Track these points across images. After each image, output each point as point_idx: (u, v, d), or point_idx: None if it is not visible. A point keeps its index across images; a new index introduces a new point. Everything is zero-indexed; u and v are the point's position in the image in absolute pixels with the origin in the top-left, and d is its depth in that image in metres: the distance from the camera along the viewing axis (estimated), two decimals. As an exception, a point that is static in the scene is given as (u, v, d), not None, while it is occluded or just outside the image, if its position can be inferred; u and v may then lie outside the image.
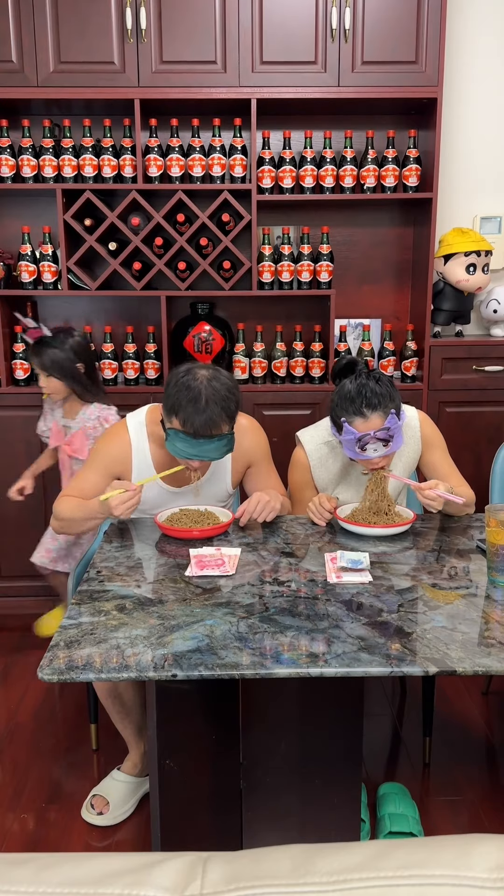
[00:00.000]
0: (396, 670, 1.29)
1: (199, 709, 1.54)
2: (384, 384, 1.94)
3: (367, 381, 1.93)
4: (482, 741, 2.33)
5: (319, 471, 2.12)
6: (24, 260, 2.98)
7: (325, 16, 2.82)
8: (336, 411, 1.95)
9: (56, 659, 1.32)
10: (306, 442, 2.13)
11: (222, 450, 1.88)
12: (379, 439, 1.90)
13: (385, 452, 1.92)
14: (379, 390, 1.91)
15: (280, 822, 1.60)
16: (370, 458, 1.93)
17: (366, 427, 1.90)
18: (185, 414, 1.82)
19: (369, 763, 2.21)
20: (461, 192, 3.28)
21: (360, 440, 1.90)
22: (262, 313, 3.28)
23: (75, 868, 0.54)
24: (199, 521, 1.96)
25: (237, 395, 1.91)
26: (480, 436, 3.11)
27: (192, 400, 1.81)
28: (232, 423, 1.90)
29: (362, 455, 1.92)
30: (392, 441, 1.91)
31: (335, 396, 1.96)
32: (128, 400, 2.95)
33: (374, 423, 1.90)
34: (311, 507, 1.99)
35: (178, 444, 1.85)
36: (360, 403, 1.90)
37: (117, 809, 1.98)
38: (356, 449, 1.92)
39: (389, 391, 1.93)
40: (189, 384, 1.84)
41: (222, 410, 1.84)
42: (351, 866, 0.52)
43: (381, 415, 1.90)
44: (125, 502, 1.83)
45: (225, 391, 1.86)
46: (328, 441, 2.11)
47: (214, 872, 0.53)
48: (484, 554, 1.77)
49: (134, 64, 2.83)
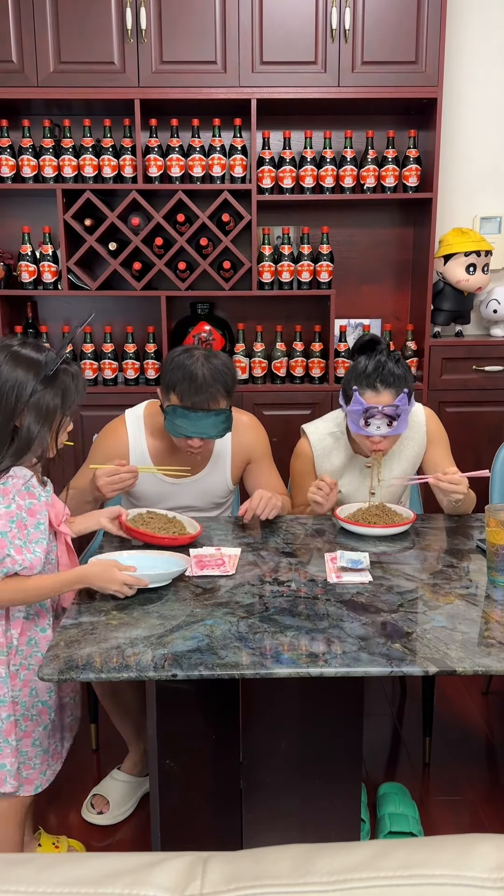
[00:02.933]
0: (396, 670, 1.29)
1: (199, 709, 1.54)
2: (402, 366, 1.96)
3: (387, 359, 1.95)
4: (482, 741, 2.33)
5: (322, 462, 2.12)
6: (25, 260, 2.98)
7: (325, 16, 2.82)
8: (349, 381, 1.97)
9: (56, 659, 1.32)
10: (311, 433, 2.14)
11: (220, 427, 1.89)
12: (386, 415, 1.91)
13: (387, 432, 1.92)
14: (396, 370, 1.93)
15: (280, 822, 1.60)
16: (371, 435, 1.93)
17: (375, 400, 1.92)
18: (183, 387, 1.85)
19: (369, 763, 2.21)
20: (461, 192, 3.28)
21: (367, 411, 1.91)
22: (262, 313, 3.28)
23: (75, 868, 0.54)
24: (166, 526, 1.85)
25: (234, 372, 1.94)
26: (480, 436, 3.11)
27: (190, 374, 1.85)
28: (229, 400, 1.92)
29: (365, 430, 1.93)
30: (397, 421, 1.92)
31: (351, 368, 1.99)
32: (128, 400, 2.94)
33: (384, 398, 1.92)
34: (313, 488, 1.95)
35: (176, 421, 1.86)
36: (374, 377, 1.92)
37: (117, 809, 1.98)
38: (360, 422, 1.92)
39: (406, 374, 1.96)
40: (186, 361, 1.87)
41: (219, 384, 1.87)
42: (351, 866, 0.52)
43: (393, 393, 1.92)
44: (110, 475, 1.82)
45: (222, 366, 1.90)
46: (332, 432, 2.12)
47: (214, 872, 0.53)
48: (484, 554, 1.77)
49: (134, 64, 2.83)
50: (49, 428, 1.55)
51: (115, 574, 1.52)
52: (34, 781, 1.63)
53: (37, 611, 1.60)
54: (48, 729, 1.63)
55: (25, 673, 1.58)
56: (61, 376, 1.57)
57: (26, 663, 1.58)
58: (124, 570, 1.54)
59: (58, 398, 1.55)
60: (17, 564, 1.48)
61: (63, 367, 1.57)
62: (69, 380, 1.58)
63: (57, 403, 1.55)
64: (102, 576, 1.52)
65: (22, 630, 1.58)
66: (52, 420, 1.56)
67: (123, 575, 1.52)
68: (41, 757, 1.63)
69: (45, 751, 1.64)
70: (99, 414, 2.86)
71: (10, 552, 1.47)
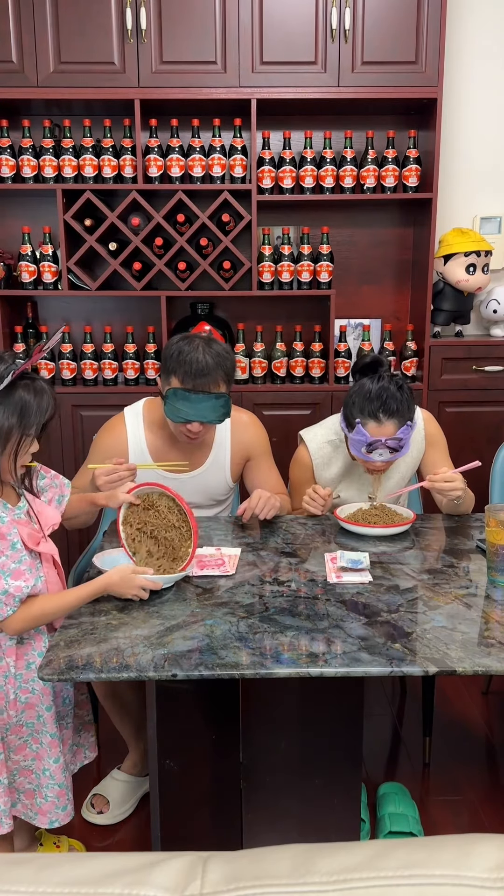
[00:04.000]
0: (396, 670, 1.29)
1: (199, 709, 1.54)
2: (405, 392, 1.92)
3: (389, 384, 1.91)
4: (482, 741, 2.33)
5: (322, 471, 2.12)
6: (25, 260, 2.98)
7: (325, 16, 2.82)
8: (351, 409, 1.94)
9: (56, 659, 1.32)
10: (309, 441, 2.13)
11: (220, 411, 1.90)
12: (388, 447, 1.90)
13: (391, 458, 1.92)
14: (399, 397, 1.90)
15: (280, 822, 1.60)
16: (373, 461, 1.93)
17: (378, 432, 1.90)
18: (183, 370, 1.86)
19: (369, 763, 2.21)
20: (461, 192, 3.28)
21: (370, 444, 1.89)
22: (262, 313, 3.28)
23: (75, 868, 0.54)
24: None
25: (233, 358, 1.96)
26: (480, 436, 3.11)
27: (191, 357, 1.87)
28: (229, 384, 1.93)
29: (367, 457, 1.92)
30: (400, 450, 1.91)
31: (352, 393, 1.95)
32: (128, 400, 2.92)
33: (387, 429, 1.90)
34: (306, 498, 2.00)
35: (176, 405, 1.87)
36: (377, 406, 1.89)
37: (117, 809, 1.98)
38: (363, 450, 1.91)
39: (408, 401, 1.92)
40: (186, 346, 1.90)
41: (219, 367, 1.89)
42: (351, 866, 0.52)
43: (397, 423, 1.90)
44: (108, 474, 1.80)
45: (222, 351, 1.92)
46: (331, 440, 2.11)
47: (214, 872, 0.53)
48: (484, 554, 1.77)
49: (134, 64, 2.83)
50: (2, 450, 1.44)
51: (134, 580, 1.52)
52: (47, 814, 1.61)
53: (31, 634, 1.57)
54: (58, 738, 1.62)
55: (28, 696, 1.57)
56: (19, 392, 1.44)
57: (27, 687, 1.57)
58: (139, 572, 1.54)
59: (13, 417, 1.43)
60: (21, 591, 1.45)
61: (23, 381, 1.45)
62: (29, 396, 1.45)
63: (12, 423, 1.43)
64: (123, 584, 1.52)
65: (17, 656, 1.56)
66: (7, 441, 1.44)
67: (141, 580, 1.52)
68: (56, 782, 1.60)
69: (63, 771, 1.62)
70: (99, 414, 2.87)
71: (6, 580, 1.44)
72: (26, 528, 1.54)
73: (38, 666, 1.32)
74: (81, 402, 3.03)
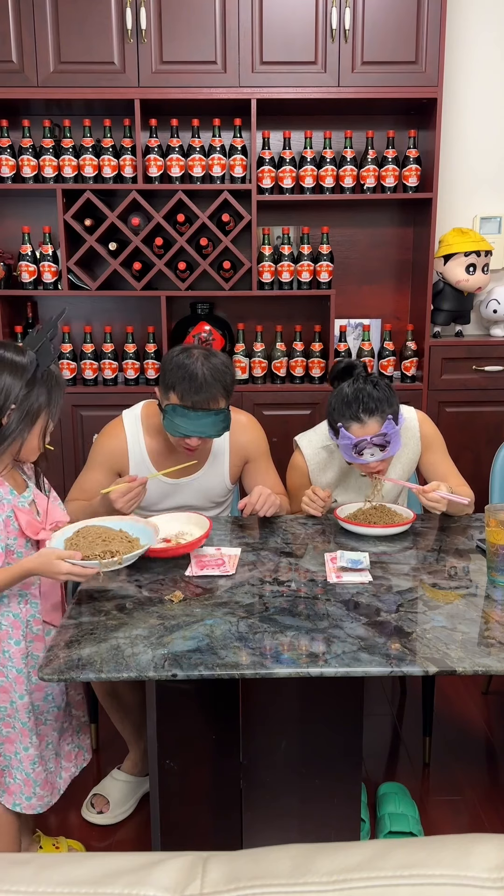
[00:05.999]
0: (396, 670, 1.29)
1: (199, 709, 1.54)
2: (382, 388, 1.93)
3: (365, 385, 1.92)
4: (482, 741, 2.33)
5: (318, 476, 2.12)
6: (25, 260, 2.98)
7: (325, 16, 2.82)
8: (333, 416, 1.95)
9: (56, 659, 1.32)
10: (304, 447, 2.13)
11: (219, 426, 1.89)
12: (375, 445, 1.90)
13: (382, 457, 1.92)
14: (377, 395, 1.91)
15: (280, 821, 1.60)
16: (367, 463, 1.93)
17: (362, 432, 1.90)
18: (182, 386, 1.85)
19: (369, 763, 2.21)
20: (461, 192, 3.28)
21: (357, 445, 1.90)
22: (262, 313, 3.28)
23: (75, 868, 0.54)
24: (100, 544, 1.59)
25: (232, 371, 1.94)
26: (480, 436, 3.11)
27: (189, 373, 1.85)
28: (228, 399, 1.92)
29: (359, 459, 1.93)
30: (389, 446, 1.91)
31: (332, 400, 1.96)
32: (128, 400, 2.94)
33: (370, 428, 1.90)
34: (305, 500, 2.00)
35: (175, 420, 1.86)
36: (356, 408, 1.90)
37: (117, 808, 1.98)
38: (353, 453, 1.92)
39: (387, 396, 1.93)
40: (185, 360, 1.87)
41: (218, 382, 1.87)
42: (351, 866, 0.52)
43: (379, 420, 1.90)
44: (125, 494, 1.81)
45: (221, 366, 1.90)
46: (326, 445, 2.11)
47: (214, 872, 0.53)
48: (484, 554, 1.77)
49: (134, 64, 2.83)
50: (32, 426, 1.53)
51: (57, 566, 1.45)
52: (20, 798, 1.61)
53: (6, 627, 1.57)
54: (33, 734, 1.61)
55: (1, 680, 1.57)
56: (48, 374, 1.56)
57: (1, 671, 1.57)
58: (65, 557, 1.47)
59: (43, 396, 1.54)
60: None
61: (51, 367, 1.56)
62: (53, 376, 1.57)
63: (42, 402, 1.53)
64: (45, 568, 1.47)
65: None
66: (37, 419, 1.54)
67: (66, 566, 1.46)
68: (35, 772, 1.60)
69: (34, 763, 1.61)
70: (99, 414, 2.87)
71: None
72: (27, 516, 1.56)
73: (39, 665, 1.33)
74: (81, 402, 3.03)
